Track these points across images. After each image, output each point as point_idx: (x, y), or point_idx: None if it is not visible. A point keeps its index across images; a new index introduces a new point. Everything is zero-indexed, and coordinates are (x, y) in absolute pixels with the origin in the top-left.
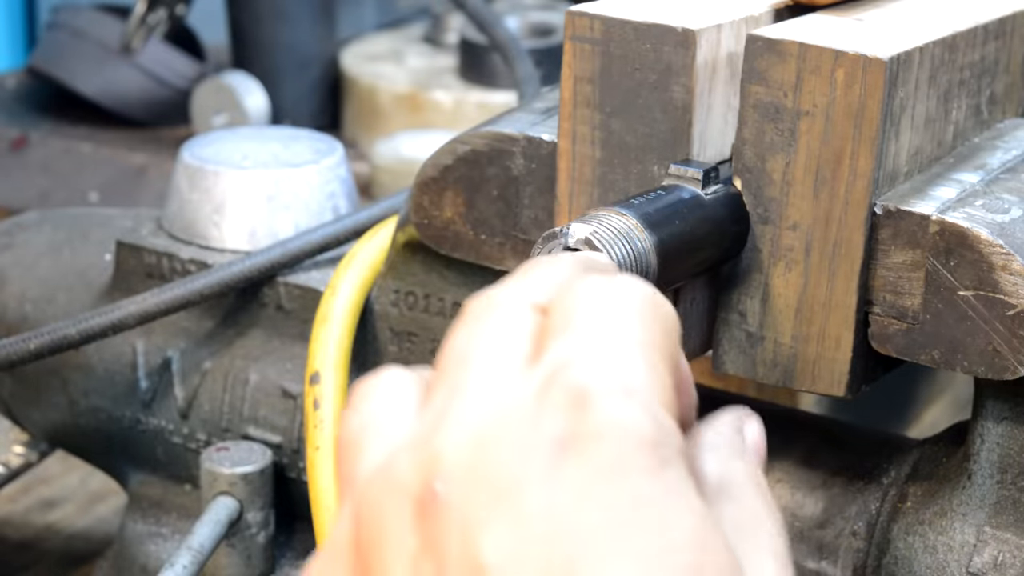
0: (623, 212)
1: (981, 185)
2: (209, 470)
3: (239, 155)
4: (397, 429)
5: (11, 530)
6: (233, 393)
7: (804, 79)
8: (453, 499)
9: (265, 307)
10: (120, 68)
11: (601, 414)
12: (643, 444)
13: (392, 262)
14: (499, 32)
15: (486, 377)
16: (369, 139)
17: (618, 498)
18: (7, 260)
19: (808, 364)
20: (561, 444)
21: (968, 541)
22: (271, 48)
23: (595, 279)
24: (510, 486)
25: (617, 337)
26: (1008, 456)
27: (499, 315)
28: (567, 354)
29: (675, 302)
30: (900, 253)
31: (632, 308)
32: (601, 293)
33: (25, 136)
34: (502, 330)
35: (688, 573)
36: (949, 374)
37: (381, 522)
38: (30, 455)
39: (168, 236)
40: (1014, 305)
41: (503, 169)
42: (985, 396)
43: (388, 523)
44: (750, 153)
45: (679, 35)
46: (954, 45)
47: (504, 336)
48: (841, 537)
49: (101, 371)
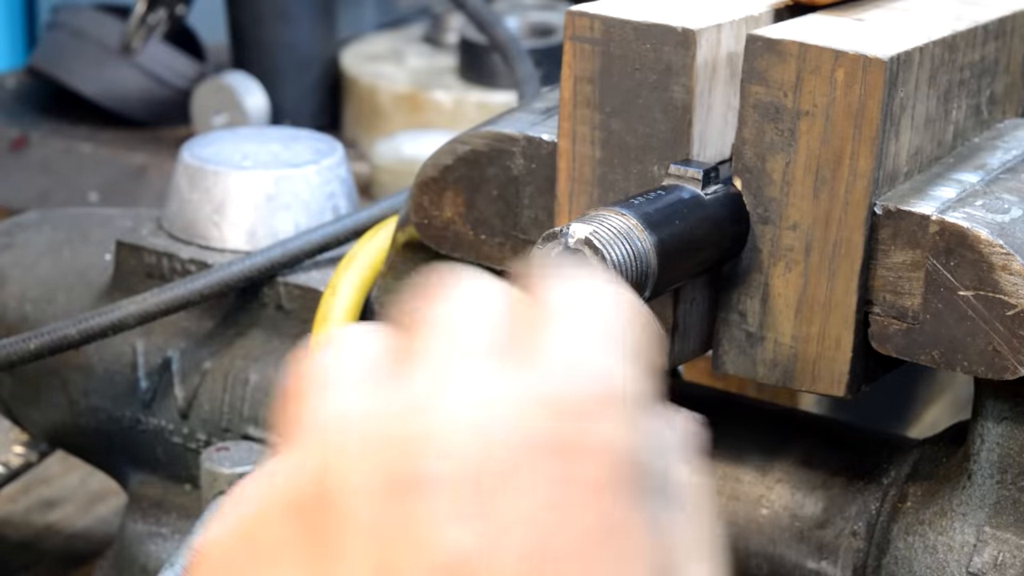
0: (623, 212)
1: (981, 185)
2: (209, 470)
3: (239, 155)
4: (365, 386)
5: (11, 530)
6: (233, 393)
7: (804, 79)
8: (438, 485)
9: (265, 307)
10: (120, 68)
11: (594, 430)
12: (628, 469)
13: (392, 262)
14: (499, 32)
15: (478, 362)
16: (369, 139)
17: (596, 522)
18: (7, 260)
19: (808, 364)
20: (552, 452)
21: (968, 541)
22: (271, 48)
23: (587, 281)
24: (497, 485)
25: (612, 346)
26: (1008, 456)
27: (480, 293)
28: (564, 358)
29: (675, 302)
30: (900, 253)
31: (625, 315)
32: (593, 296)
33: (25, 136)
34: (486, 310)
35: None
36: (949, 374)
37: (348, 486)
38: (30, 455)
39: (168, 236)
40: (1014, 305)
41: (503, 169)
42: (985, 396)
43: (357, 490)
44: (750, 153)
45: (679, 35)
46: (954, 45)
47: (489, 317)
48: (841, 537)
49: (101, 371)
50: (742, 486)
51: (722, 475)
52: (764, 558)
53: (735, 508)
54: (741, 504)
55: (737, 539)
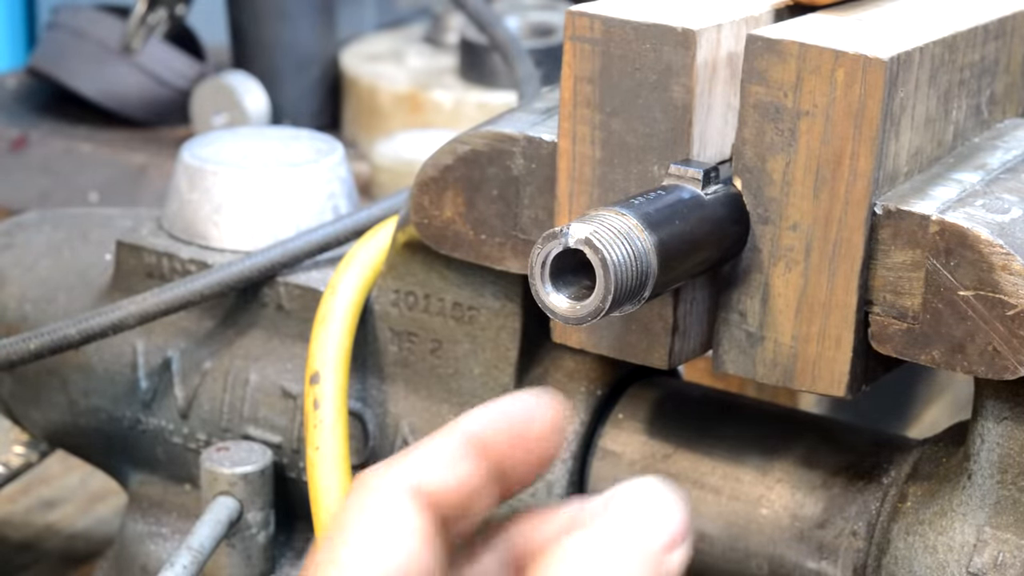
0: (623, 212)
1: (981, 185)
2: (209, 470)
3: (239, 155)
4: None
5: (11, 530)
6: (233, 393)
7: (804, 79)
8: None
9: (265, 307)
10: (120, 68)
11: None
12: None
13: (392, 262)
14: (499, 32)
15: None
16: (369, 139)
17: None
18: (7, 260)
19: (808, 364)
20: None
21: (968, 541)
22: (271, 48)
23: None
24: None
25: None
26: (1008, 456)
27: (375, 503)
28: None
29: (675, 302)
30: (900, 253)
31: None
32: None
33: (25, 136)
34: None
35: None
36: (949, 374)
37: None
38: (30, 455)
39: (168, 236)
40: (1014, 305)
41: (503, 169)
42: (985, 396)
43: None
44: (750, 153)
45: (679, 35)
46: (954, 45)
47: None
48: (841, 537)
49: (101, 371)
50: (742, 486)
51: (722, 475)
52: (764, 558)
53: (735, 508)
54: (741, 504)
55: (737, 539)
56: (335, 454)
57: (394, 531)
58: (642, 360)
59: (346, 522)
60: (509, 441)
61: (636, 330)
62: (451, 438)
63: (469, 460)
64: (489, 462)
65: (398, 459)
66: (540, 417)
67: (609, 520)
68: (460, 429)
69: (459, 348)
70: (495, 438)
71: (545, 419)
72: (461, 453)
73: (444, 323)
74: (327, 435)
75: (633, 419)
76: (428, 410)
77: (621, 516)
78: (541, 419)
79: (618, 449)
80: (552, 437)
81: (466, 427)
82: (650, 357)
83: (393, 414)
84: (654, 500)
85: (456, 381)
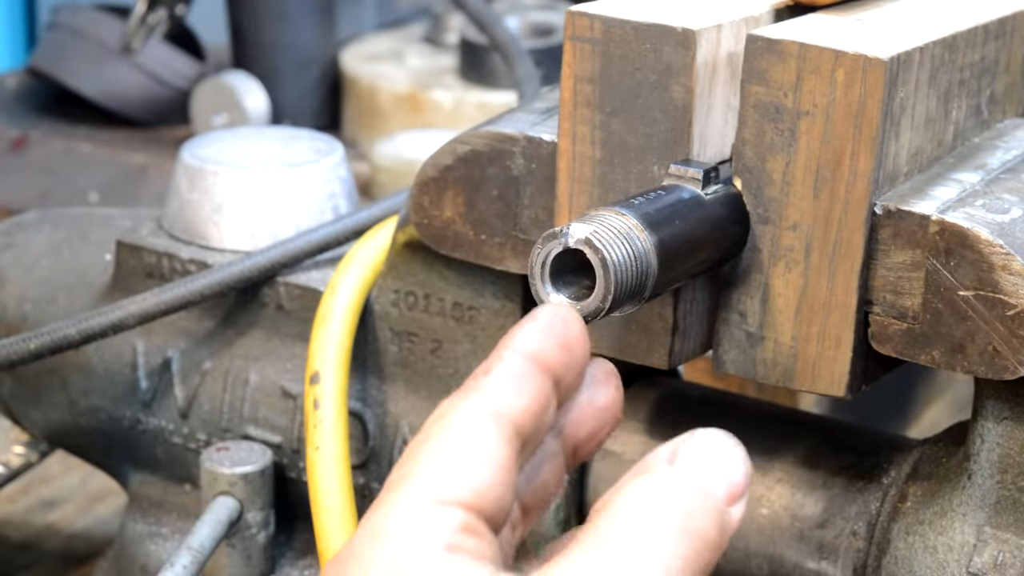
0: (623, 212)
1: (981, 185)
2: (209, 470)
3: (239, 155)
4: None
5: (11, 530)
6: (233, 393)
7: (804, 79)
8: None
9: (265, 307)
10: (120, 68)
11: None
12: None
13: (392, 262)
14: (499, 32)
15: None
16: (369, 139)
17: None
18: (7, 260)
19: (808, 364)
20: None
21: (968, 541)
22: (271, 48)
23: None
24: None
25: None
26: (1008, 456)
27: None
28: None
29: (675, 302)
30: (900, 253)
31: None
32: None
33: (25, 136)
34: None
35: None
36: (949, 374)
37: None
38: (30, 455)
39: (168, 236)
40: (1014, 305)
41: (503, 169)
42: (985, 396)
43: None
44: (750, 153)
45: (679, 35)
46: (954, 45)
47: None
48: (841, 537)
49: (101, 371)
50: None
51: None
52: (764, 558)
53: None
54: None
55: (737, 539)
56: (335, 454)
57: (481, 458)
58: (642, 360)
59: (431, 447)
60: (559, 349)
61: (636, 330)
62: (515, 361)
63: (535, 379)
64: (549, 376)
65: (474, 387)
66: (573, 318)
67: (678, 469)
68: (518, 349)
69: (459, 348)
70: (549, 350)
71: (578, 320)
72: (529, 373)
73: (444, 323)
74: (327, 435)
75: (633, 419)
76: (428, 410)
77: (690, 465)
78: (575, 320)
79: (618, 449)
80: (586, 337)
81: (522, 346)
82: (650, 357)
83: (393, 414)
84: (722, 452)
85: (456, 381)
